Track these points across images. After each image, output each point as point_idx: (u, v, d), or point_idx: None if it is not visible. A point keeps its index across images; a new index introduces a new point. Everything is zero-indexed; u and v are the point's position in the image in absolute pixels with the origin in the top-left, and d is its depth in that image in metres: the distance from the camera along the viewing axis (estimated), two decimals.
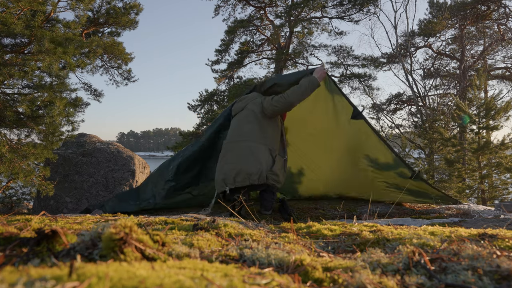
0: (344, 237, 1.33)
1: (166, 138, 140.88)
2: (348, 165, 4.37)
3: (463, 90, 16.09)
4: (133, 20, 7.99)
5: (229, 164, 3.49)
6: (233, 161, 3.47)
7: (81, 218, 1.91)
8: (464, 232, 1.31)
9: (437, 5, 17.70)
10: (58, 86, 4.66)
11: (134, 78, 10.20)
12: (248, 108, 3.68)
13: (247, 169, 3.39)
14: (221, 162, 3.58)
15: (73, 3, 5.04)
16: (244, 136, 3.57)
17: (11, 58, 4.67)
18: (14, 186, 9.04)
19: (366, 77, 16.02)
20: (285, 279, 0.70)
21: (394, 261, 0.89)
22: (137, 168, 6.56)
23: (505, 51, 18.27)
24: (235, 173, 3.42)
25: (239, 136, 3.61)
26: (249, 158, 3.44)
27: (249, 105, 3.72)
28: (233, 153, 3.54)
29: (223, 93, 16.40)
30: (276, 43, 16.23)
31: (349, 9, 15.69)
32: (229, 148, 3.60)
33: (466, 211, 3.92)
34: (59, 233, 0.83)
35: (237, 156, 3.50)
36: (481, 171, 11.82)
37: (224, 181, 3.46)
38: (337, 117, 4.04)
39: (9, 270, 0.55)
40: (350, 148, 4.20)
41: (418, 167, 14.94)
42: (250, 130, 3.56)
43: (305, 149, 4.65)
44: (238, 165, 3.42)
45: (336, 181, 4.77)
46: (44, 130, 4.76)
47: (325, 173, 4.75)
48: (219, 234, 1.25)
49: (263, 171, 3.41)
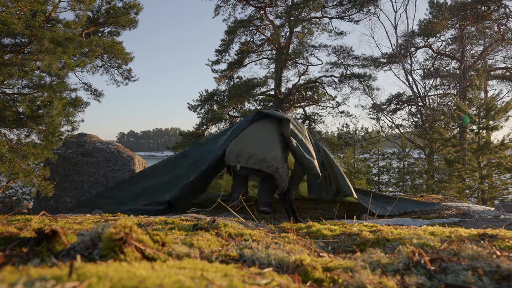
0: (344, 237, 1.33)
1: (166, 138, 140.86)
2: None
3: (463, 90, 16.09)
4: (133, 20, 7.99)
5: (248, 144, 3.92)
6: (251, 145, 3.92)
7: (81, 218, 1.91)
8: (464, 232, 1.31)
9: (437, 5, 17.70)
10: (58, 85, 4.65)
11: (134, 78, 10.20)
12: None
13: (261, 155, 3.78)
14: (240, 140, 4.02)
15: (74, 4, 5.04)
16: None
17: (11, 58, 4.67)
18: (14, 186, 9.03)
19: (366, 77, 16.02)
20: (285, 279, 0.70)
21: (394, 261, 0.89)
22: (137, 168, 6.56)
23: (505, 51, 18.29)
24: (249, 155, 3.82)
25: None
26: (267, 147, 3.89)
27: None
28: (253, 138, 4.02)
29: (223, 93, 16.40)
30: (276, 43, 16.23)
31: (349, 9, 15.69)
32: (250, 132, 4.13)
33: (466, 211, 3.92)
34: (59, 233, 0.83)
35: (256, 141, 3.96)
36: (481, 171, 11.82)
37: (237, 157, 3.88)
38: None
39: (9, 270, 0.55)
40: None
41: (418, 167, 14.94)
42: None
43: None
44: (254, 150, 3.84)
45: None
46: (44, 130, 4.76)
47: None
48: (219, 234, 1.25)
49: (277, 163, 3.79)
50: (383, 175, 15.43)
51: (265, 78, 16.65)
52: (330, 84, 16.87)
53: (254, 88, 15.54)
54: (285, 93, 16.66)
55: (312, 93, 17.30)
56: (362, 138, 16.16)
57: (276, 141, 3.99)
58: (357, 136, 16.41)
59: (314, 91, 17.21)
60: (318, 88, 17.13)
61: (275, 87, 16.33)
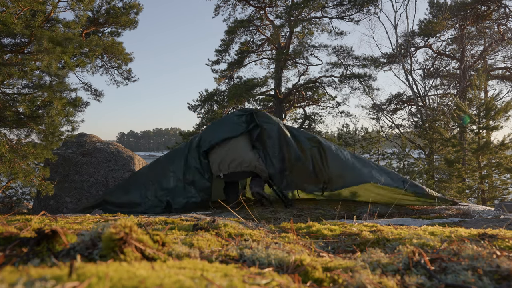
0: (344, 237, 1.33)
1: (166, 138, 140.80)
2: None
3: (463, 90, 16.09)
4: (133, 20, 7.99)
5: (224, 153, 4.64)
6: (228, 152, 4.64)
7: (81, 218, 1.91)
8: (464, 232, 1.31)
9: (437, 5, 17.70)
10: (58, 85, 4.65)
11: (134, 78, 10.20)
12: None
13: (239, 159, 4.51)
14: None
15: (73, 3, 5.04)
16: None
17: (11, 58, 4.67)
18: (14, 186, 9.03)
19: (366, 77, 16.02)
20: (285, 279, 0.70)
21: (394, 261, 0.89)
22: (137, 168, 6.56)
23: (505, 51, 18.28)
24: (229, 162, 4.53)
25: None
26: (241, 151, 4.58)
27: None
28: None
29: (223, 93, 16.41)
30: (276, 43, 16.24)
31: (349, 9, 15.69)
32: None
33: (466, 211, 3.92)
34: (59, 233, 0.83)
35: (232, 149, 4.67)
36: (481, 171, 11.82)
37: (219, 167, 4.57)
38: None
39: (9, 270, 0.55)
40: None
41: (418, 167, 14.95)
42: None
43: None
44: (232, 156, 4.53)
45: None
46: (43, 130, 4.76)
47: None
48: (219, 234, 1.25)
49: (253, 161, 4.52)
50: None
51: (265, 78, 16.65)
52: (330, 84, 16.89)
53: (254, 88, 15.55)
54: (285, 93, 16.67)
55: (312, 93, 17.31)
56: (362, 138, 16.17)
57: (246, 144, 4.64)
58: (357, 136, 16.42)
59: (314, 91, 17.21)
60: (318, 88, 17.14)
61: (275, 87, 16.34)
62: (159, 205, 4.51)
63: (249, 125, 4.67)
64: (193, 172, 4.62)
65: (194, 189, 4.53)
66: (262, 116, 4.72)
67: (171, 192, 4.58)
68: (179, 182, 4.61)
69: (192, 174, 4.61)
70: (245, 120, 4.71)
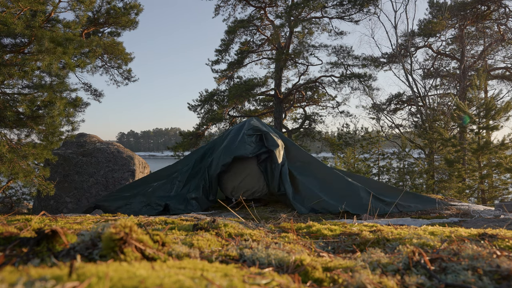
0: (344, 237, 1.33)
1: (166, 138, 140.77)
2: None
3: (463, 90, 16.09)
4: (133, 20, 7.99)
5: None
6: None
7: (81, 218, 1.91)
8: (464, 232, 1.31)
9: (437, 5, 17.69)
10: (58, 86, 4.65)
11: (134, 78, 10.21)
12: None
13: (252, 189, 4.96)
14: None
15: (73, 4, 5.04)
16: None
17: (11, 58, 4.67)
18: (14, 186, 9.04)
19: (366, 77, 16.00)
20: (285, 279, 0.70)
21: (394, 261, 0.89)
22: (137, 168, 6.56)
23: (505, 51, 18.27)
24: (243, 190, 4.87)
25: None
26: (252, 180, 5.02)
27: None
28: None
29: (223, 93, 16.40)
30: (276, 43, 16.23)
31: (349, 9, 15.67)
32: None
33: (466, 211, 3.92)
34: (59, 233, 0.83)
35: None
36: (481, 171, 11.82)
37: (232, 193, 4.94)
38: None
39: (9, 270, 0.55)
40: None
41: (418, 167, 14.94)
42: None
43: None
44: (245, 185, 4.95)
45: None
46: (44, 130, 4.76)
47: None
48: (219, 234, 1.25)
49: (263, 189, 4.99)
50: (383, 175, 15.43)
51: (265, 78, 16.64)
52: (330, 84, 16.87)
53: (254, 88, 15.54)
54: (285, 93, 16.66)
55: (312, 93, 17.30)
56: (362, 138, 16.16)
57: (258, 172, 5.00)
58: (357, 136, 16.40)
59: (314, 91, 17.21)
60: (318, 88, 17.13)
61: (275, 87, 16.33)
62: (157, 208, 4.62)
63: (260, 149, 4.96)
64: (198, 190, 4.85)
65: (196, 204, 4.77)
66: (271, 140, 5.00)
67: (172, 199, 4.73)
68: (182, 191, 4.79)
69: (196, 192, 4.84)
70: (254, 141, 5.01)
